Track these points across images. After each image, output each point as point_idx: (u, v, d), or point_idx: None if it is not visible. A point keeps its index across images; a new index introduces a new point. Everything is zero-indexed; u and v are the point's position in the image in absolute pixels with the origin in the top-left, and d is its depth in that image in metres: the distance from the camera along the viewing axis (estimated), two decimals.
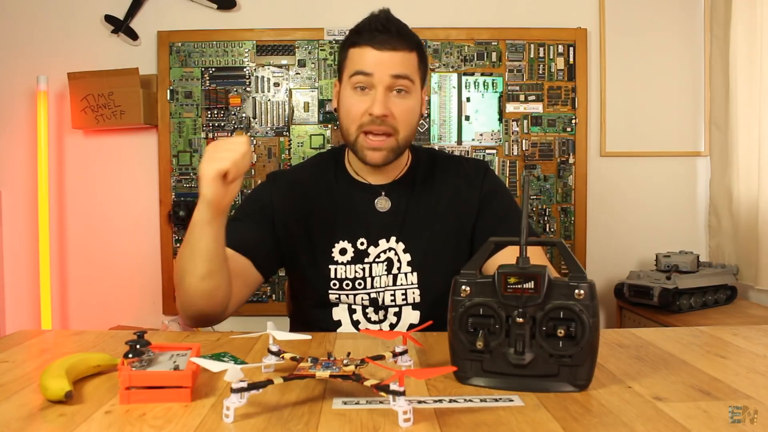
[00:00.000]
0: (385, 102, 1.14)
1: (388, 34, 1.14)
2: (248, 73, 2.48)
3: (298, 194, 1.26)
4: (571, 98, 2.49)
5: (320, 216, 1.24)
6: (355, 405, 0.71)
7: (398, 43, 1.14)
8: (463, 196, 1.27)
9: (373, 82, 1.14)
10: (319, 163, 1.33)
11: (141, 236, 2.53)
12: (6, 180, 2.53)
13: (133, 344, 0.75)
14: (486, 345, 0.76)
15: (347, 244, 1.22)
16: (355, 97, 1.16)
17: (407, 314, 1.22)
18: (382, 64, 1.14)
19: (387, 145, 1.17)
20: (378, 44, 1.14)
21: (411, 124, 1.19)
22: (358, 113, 1.16)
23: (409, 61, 1.16)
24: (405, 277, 1.22)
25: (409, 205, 1.25)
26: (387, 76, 1.14)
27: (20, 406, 0.72)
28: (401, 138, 1.18)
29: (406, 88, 1.16)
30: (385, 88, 1.14)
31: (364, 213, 1.24)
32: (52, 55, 2.49)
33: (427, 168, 1.30)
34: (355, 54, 1.16)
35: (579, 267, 0.75)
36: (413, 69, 1.18)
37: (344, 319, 1.23)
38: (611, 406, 0.71)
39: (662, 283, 2.13)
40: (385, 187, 1.26)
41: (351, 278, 1.21)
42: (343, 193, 1.26)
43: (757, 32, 2.19)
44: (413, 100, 1.18)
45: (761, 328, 1.09)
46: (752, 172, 2.23)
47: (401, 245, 1.22)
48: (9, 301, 2.53)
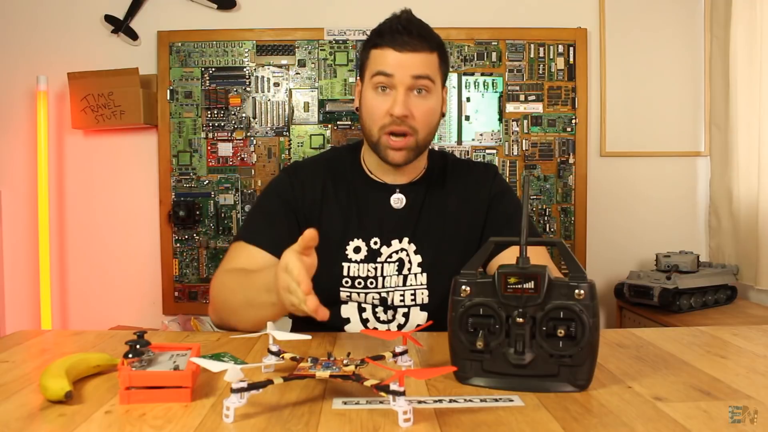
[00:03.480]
0: (405, 102, 1.15)
1: (409, 35, 1.15)
2: (248, 73, 2.48)
3: (318, 188, 1.26)
4: (571, 98, 2.49)
5: (337, 212, 1.24)
6: (355, 405, 0.71)
7: (419, 44, 1.16)
8: (472, 199, 1.28)
9: (394, 83, 1.15)
10: (336, 158, 1.33)
11: (141, 236, 2.53)
12: (6, 180, 2.53)
13: (133, 344, 0.75)
14: (486, 345, 0.76)
15: (361, 242, 1.22)
16: (377, 98, 1.17)
17: (415, 315, 1.22)
18: (402, 66, 1.15)
19: (407, 145, 1.18)
20: (399, 46, 1.15)
21: (431, 124, 1.20)
22: (380, 114, 1.17)
23: (429, 62, 1.17)
24: (415, 278, 1.22)
25: (423, 206, 1.26)
26: (407, 77, 1.15)
27: (20, 406, 0.72)
28: (421, 138, 1.19)
29: (426, 88, 1.17)
30: (405, 89, 1.15)
31: (379, 212, 1.25)
32: (52, 55, 2.49)
33: (441, 170, 1.31)
34: (377, 55, 1.18)
35: (579, 267, 0.75)
36: (434, 69, 1.19)
37: (353, 317, 1.22)
38: (611, 406, 0.71)
39: (662, 283, 2.13)
40: (400, 187, 1.26)
41: (363, 277, 1.21)
42: (359, 190, 1.26)
43: (757, 32, 2.19)
44: (433, 100, 1.19)
45: (761, 328, 1.09)
46: (752, 172, 2.23)
47: (413, 246, 1.23)
48: (9, 301, 2.53)
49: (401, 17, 1.18)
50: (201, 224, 2.50)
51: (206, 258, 2.50)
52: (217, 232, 2.50)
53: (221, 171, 2.50)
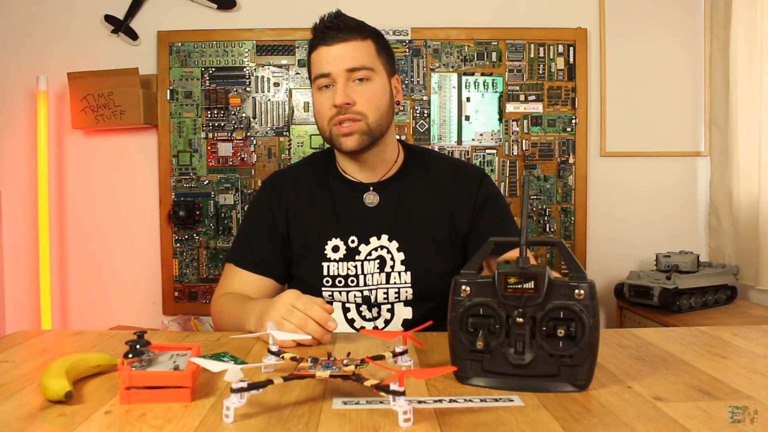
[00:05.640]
0: (345, 91, 1.18)
1: (335, 29, 1.19)
2: (248, 73, 2.48)
3: (293, 193, 1.30)
4: (571, 98, 2.49)
5: (313, 213, 1.28)
6: (355, 405, 0.71)
7: (347, 34, 1.19)
8: (458, 198, 1.28)
9: (333, 79, 1.19)
10: (311, 162, 1.37)
11: (141, 236, 2.53)
12: (6, 180, 2.53)
13: (133, 344, 0.75)
14: (486, 345, 0.76)
15: (339, 241, 1.25)
16: (321, 96, 1.21)
17: (400, 310, 1.24)
18: (336, 59, 1.18)
19: (357, 128, 1.19)
20: (328, 40, 1.19)
21: (378, 107, 1.21)
22: (326, 108, 1.20)
23: (363, 49, 1.20)
24: (399, 276, 1.23)
25: (401, 202, 1.27)
26: (342, 71, 1.18)
27: (20, 406, 0.72)
28: (371, 121, 1.20)
29: (366, 77, 1.19)
30: (344, 81, 1.18)
31: (354, 210, 1.27)
32: (52, 55, 2.49)
33: (420, 167, 1.31)
34: (314, 58, 1.22)
35: (579, 267, 0.75)
36: (370, 57, 1.20)
37: (338, 317, 1.24)
38: (611, 406, 0.71)
39: (662, 283, 2.13)
40: (374, 185, 1.28)
41: (343, 275, 1.24)
42: (333, 191, 1.29)
43: (757, 32, 2.19)
44: (376, 84, 1.21)
45: (761, 328, 1.09)
46: (752, 172, 2.23)
47: (394, 244, 1.24)
48: (9, 301, 2.53)
49: (329, 15, 1.22)
50: (201, 224, 2.50)
51: (206, 258, 2.50)
52: (217, 232, 2.50)
53: (221, 171, 2.50)
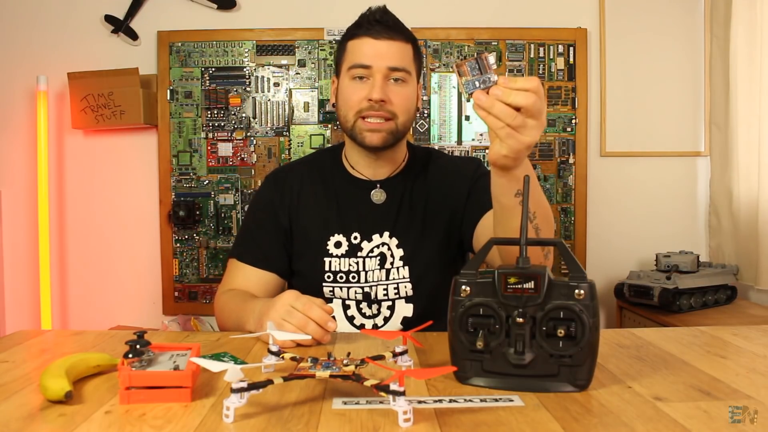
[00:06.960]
0: (383, 88, 1.18)
1: (385, 24, 1.19)
2: (248, 73, 2.48)
3: (296, 188, 1.30)
4: (571, 98, 2.49)
5: (316, 209, 1.28)
6: (355, 405, 0.71)
7: (395, 33, 1.19)
8: (455, 189, 1.29)
9: (371, 73, 1.18)
10: (316, 158, 1.37)
11: (141, 236, 2.53)
12: (6, 180, 2.53)
13: (133, 344, 0.75)
14: (486, 345, 0.76)
15: (342, 237, 1.25)
16: (354, 86, 1.20)
17: (400, 307, 1.25)
18: (379, 55, 1.18)
19: (386, 128, 1.20)
20: (375, 34, 1.18)
21: (409, 110, 1.22)
22: (357, 99, 1.19)
23: (405, 52, 1.20)
24: (397, 272, 1.24)
25: (404, 200, 1.28)
26: (384, 68, 1.18)
27: (20, 406, 0.72)
28: (400, 123, 1.21)
29: (402, 79, 1.20)
30: (382, 78, 1.18)
31: (359, 207, 1.27)
32: (52, 55, 2.49)
33: (423, 165, 1.32)
34: (354, 46, 1.20)
35: (579, 267, 0.75)
36: (409, 60, 1.21)
37: (338, 314, 1.24)
38: (611, 406, 0.71)
39: (662, 283, 2.13)
40: (381, 182, 1.28)
41: (345, 271, 1.24)
42: (339, 187, 1.29)
43: (757, 32, 2.19)
44: (410, 88, 1.22)
45: (761, 328, 1.09)
46: (752, 172, 2.23)
47: (395, 240, 1.25)
48: (9, 301, 2.53)
49: (377, 9, 1.22)
50: (201, 224, 2.50)
51: (206, 258, 2.50)
52: (217, 232, 2.50)
53: (221, 171, 2.50)
